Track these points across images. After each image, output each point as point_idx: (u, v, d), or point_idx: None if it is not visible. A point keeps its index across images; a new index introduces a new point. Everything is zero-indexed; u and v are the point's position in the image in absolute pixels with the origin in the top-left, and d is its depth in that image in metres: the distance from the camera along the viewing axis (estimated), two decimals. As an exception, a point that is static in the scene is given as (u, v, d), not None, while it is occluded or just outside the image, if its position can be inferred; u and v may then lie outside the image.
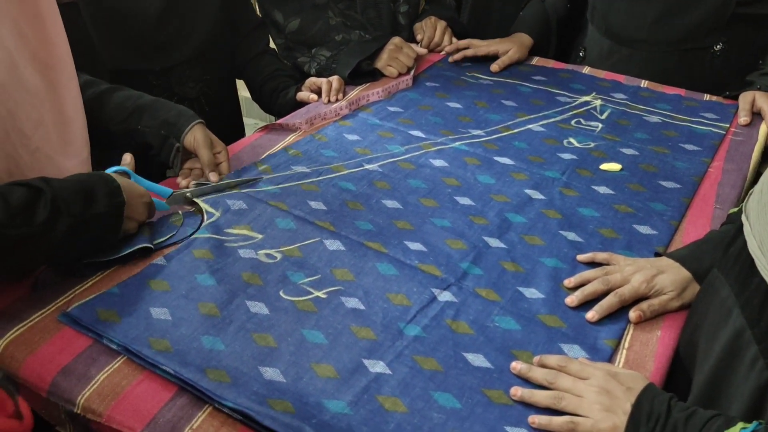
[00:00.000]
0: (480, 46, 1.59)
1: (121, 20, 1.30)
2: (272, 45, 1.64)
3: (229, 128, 1.58)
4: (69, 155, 0.97)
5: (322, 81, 1.43)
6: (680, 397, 0.73)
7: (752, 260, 0.69)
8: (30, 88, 0.90)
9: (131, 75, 1.33)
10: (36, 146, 0.91)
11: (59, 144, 0.95)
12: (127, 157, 1.06)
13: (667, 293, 0.88)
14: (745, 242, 0.72)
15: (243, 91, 1.65)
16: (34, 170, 0.90)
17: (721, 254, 0.79)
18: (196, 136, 1.11)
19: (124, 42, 1.33)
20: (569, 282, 0.92)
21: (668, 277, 0.89)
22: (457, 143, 1.27)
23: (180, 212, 1.05)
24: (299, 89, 1.47)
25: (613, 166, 1.19)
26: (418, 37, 1.65)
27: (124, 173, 1.00)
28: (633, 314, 0.87)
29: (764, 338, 0.68)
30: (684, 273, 0.89)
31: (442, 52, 1.66)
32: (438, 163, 1.20)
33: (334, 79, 1.43)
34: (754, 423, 0.64)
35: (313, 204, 1.08)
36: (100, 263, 0.92)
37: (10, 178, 0.86)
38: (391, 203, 1.09)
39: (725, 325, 0.73)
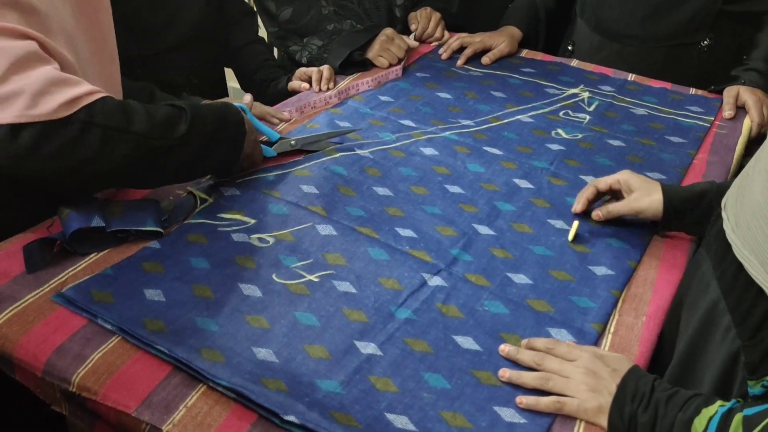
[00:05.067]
0: (472, 43, 1.60)
1: None
2: (262, 34, 1.64)
3: None
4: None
5: (313, 70, 1.44)
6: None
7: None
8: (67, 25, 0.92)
9: None
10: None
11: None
12: (248, 98, 1.22)
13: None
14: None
15: (232, 81, 1.65)
16: None
17: (706, 234, 0.81)
18: None
19: None
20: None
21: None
22: (447, 132, 1.28)
23: (171, 197, 1.05)
24: (290, 79, 1.47)
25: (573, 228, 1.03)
26: (413, 27, 1.66)
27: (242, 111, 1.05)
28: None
29: (736, 308, 0.71)
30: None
31: (434, 44, 1.67)
32: (428, 151, 1.22)
33: (325, 69, 1.43)
34: (732, 401, 0.66)
35: (305, 188, 1.09)
36: (98, 242, 0.93)
37: None
38: (382, 190, 1.10)
39: (704, 296, 0.77)
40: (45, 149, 0.82)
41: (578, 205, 1.04)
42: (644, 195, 0.98)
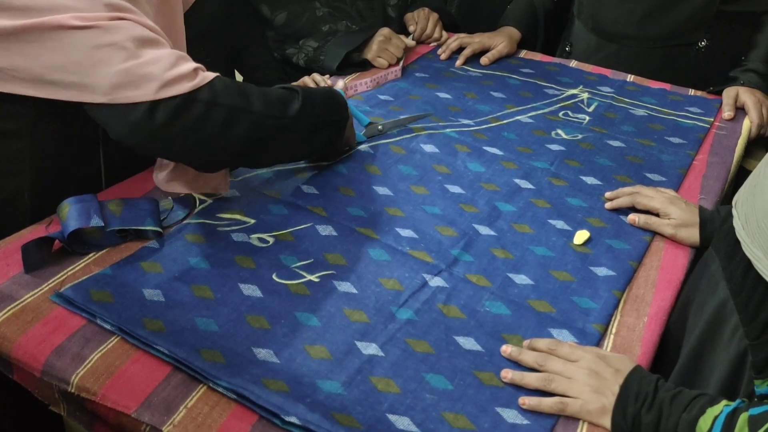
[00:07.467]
0: (471, 43, 1.60)
1: None
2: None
3: None
4: None
5: (305, 80, 1.42)
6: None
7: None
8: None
9: None
10: None
11: None
12: (341, 83, 1.28)
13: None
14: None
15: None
16: None
17: (716, 234, 0.81)
18: None
19: None
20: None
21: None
22: (448, 129, 1.28)
23: (170, 198, 1.05)
24: None
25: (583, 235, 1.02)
26: (411, 28, 1.65)
27: None
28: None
29: (744, 307, 0.71)
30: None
31: (432, 45, 1.67)
32: (428, 148, 1.21)
33: (315, 76, 1.43)
34: (738, 401, 0.66)
35: (305, 188, 1.08)
36: (97, 241, 0.92)
37: None
38: (382, 190, 1.10)
39: (712, 296, 0.77)
40: (175, 127, 0.86)
41: (611, 203, 1.08)
42: (682, 226, 1.00)
